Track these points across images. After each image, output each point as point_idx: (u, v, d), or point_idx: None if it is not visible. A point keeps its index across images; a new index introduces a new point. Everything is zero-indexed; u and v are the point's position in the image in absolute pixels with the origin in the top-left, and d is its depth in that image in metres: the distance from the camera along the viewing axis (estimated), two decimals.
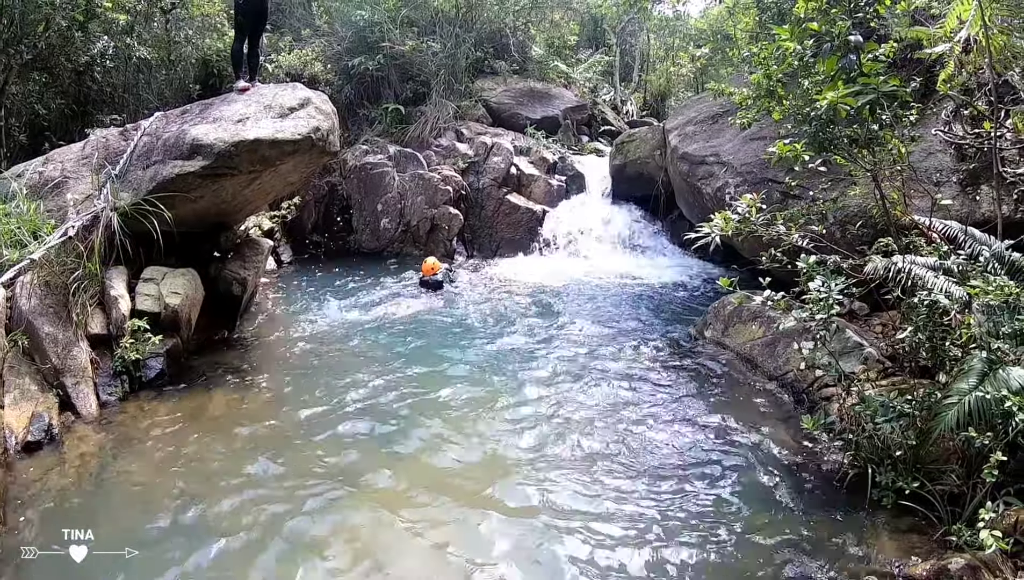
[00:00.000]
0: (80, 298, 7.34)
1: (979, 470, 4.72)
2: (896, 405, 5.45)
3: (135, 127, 8.87)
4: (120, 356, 7.37)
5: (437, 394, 7.57)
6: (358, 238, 15.01)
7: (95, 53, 11.87)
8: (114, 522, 5.24)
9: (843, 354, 7.04)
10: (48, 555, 4.88)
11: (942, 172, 8.77)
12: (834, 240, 7.86)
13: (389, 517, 5.34)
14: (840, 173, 8.31)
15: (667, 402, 7.50)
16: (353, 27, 16.81)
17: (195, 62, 14.10)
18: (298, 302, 11.22)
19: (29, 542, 4.99)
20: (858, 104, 5.96)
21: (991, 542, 4.17)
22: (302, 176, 10.52)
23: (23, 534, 5.11)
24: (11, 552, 4.89)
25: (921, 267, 5.74)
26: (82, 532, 5.01)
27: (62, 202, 8.13)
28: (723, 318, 9.10)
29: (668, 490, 5.81)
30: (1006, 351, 5.02)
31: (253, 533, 5.14)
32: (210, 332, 9.08)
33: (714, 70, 19.85)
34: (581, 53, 23.10)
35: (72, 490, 5.68)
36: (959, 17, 7.18)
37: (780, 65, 7.03)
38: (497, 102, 17.93)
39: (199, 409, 7.18)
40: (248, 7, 9.19)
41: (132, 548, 4.90)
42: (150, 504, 5.48)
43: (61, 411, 6.68)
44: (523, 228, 14.84)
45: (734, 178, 11.09)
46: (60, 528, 5.06)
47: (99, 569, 4.78)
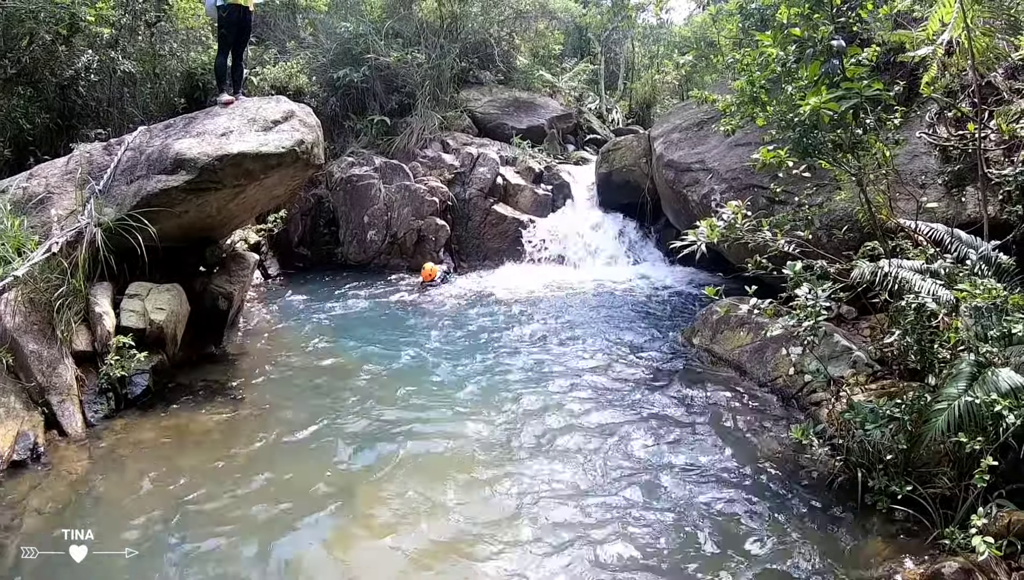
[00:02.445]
0: (65, 315, 7.26)
1: (971, 472, 4.71)
2: (885, 411, 5.44)
3: (119, 142, 8.80)
4: (105, 373, 7.30)
5: (424, 410, 7.51)
6: (345, 250, 14.98)
7: (79, 67, 11.80)
8: (101, 540, 5.17)
9: (832, 358, 7.05)
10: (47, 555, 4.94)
11: (927, 174, 8.80)
12: (821, 245, 7.87)
13: (373, 537, 5.30)
14: (825, 178, 8.33)
15: (655, 409, 7.47)
16: (338, 39, 16.84)
17: (180, 75, 14.04)
18: (285, 316, 11.16)
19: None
20: (841, 109, 5.97)
21: (983, 548, 4.17)
22: (287, 189, 10.47)
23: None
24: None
25: (908, 270, 5.73)
26: (82, 532, 5.11)
27: (46, 218, 8.06)
28: (711, 325, 9.10)
29: (655, 497, 5.79)
30: (995, 353, 5.02)
31: (236, 556, 5.09)
32: (196, 347, 9.01)
33: (699, 77, 19.95)
34: (566, 62, 23.17)
35: (59, 509, 5.60)
36: (941, 20, 7.20)
37: (763, 71, 7.04)
38: (483, 112, 17.95)
39: (185, 426, 7.11)
40: (232, 20, 9.14)
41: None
42: (134, 522, 5.41)
43: (47, 429, 6.60)
44: (510, 238, 14.84)
45: (720, 185, 11.12)
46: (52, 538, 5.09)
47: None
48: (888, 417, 5.40)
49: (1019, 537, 4.50)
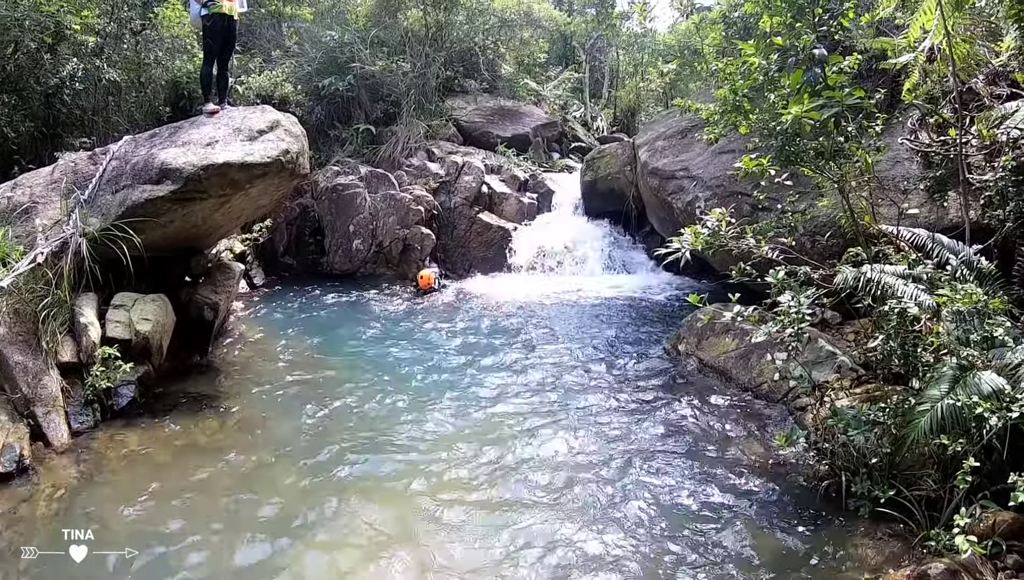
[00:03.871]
0: (50, 326, 7.20)
1: (955, 474, 4.76)
2: (869, 415, 5.49)
3: (104, 151, 8.75)
4: (91, 384, 7.24)
5: (410, 421, 7.49)
6: (330, 260, 14.94)
7: (64, 75, 11.73)
8: (89, 550, 5.16)
9: (817, 363, 7.10)
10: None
11: (909, 180, 8.89)
12: (804, 251, 7.94)
13: (358, 549, 5.30)
14: (808, 185, 8.40)
15: (641, 416, 7.49)
16: (323, 48, 16.85)
17: (165, 84, 13.99)
18: (271, 326, 11.11)
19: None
20: (823, 117, 6.03)
21: (966, 547, 4.21)
22: (273, 199, 10.45)
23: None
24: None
25: (890, 276, 5.79)
26: (82, 532, 5.19)
27: (31, 228, 8.00)
28: (696, 331, 9.14)
29: (639, 503, 5.81)
30: (977, 357, 5.07)
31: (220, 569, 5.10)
32: (182, 358, 8.97)
33: (683, 84, 20.05)
34: (551, 70, 23.26)
35: (44, 521, 5.57)
36: (923, 27, 7.31)
37: (746, 80, 7.10)
38: (468, 121, 17.99)
39: (171, 438, 7.07)
40: (216, 29, 9.15)
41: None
42: (120, 534, 5.38)
43: (32, 441, 6.54)
44: (495, 246, 14.85)
45: (704, 192, 11.19)
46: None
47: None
48: (871, 422, 5.45)
49: (1004, 537, 4.54)
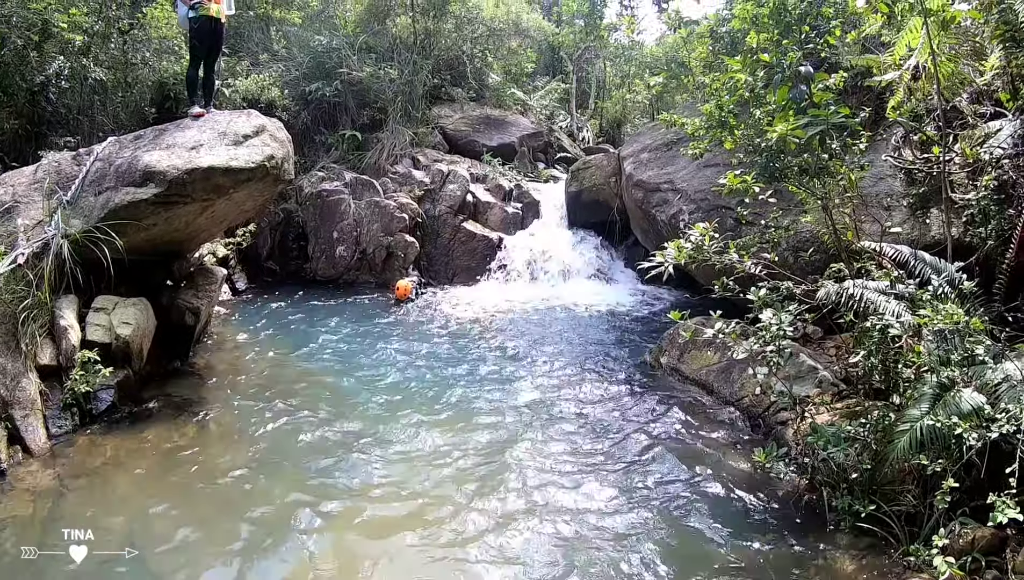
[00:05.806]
0: (29, 328, 7.15)
1: (935, 490, 4.80)
2: (848, 432, 5.52)
3: (88, 152, 8.69)
4: (70, 388, 7.18)
5: (389, 427, 7.48)
6: (314, 266, 14.86)
7: (51, 73, 11.66)
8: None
9: (798, 378, 7.13)
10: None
11: (892, 197, 8.96)
12: (787, 266, 7.97)
13: (338, 555, 5.31)
14: (792, 200, 8.45)
15: (622, 430, 7.51)
16: (311, 52, 16.81)
17: (152, 85, 13.90)
18: (252, 331, 11.05)
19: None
20: (807, 135, 6.07)
21: (945, 568, 4.25)
22: (257, 204, 10.41)
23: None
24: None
25: (872, 292, 5.83)
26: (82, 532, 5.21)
27: (12, 228, 7.92)
28: (678, 345, 9.16)
29: (624, 517, 5.81)
30: (957, 376, 5.11)
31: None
32: (162, 362, 8.91)
33: (669, 97, 20.12)
34: (538, 80, 23.31)
35: (20, 526, 5.51)
36: (908, 45, 7.37)
37: (732, 96, 7.14)
38: (454, 129, 17.99)
39: (150, 443, 7.02)
40: (203, 31, 9.09)
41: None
42: (98, 544, 5.31)
43: (9, 445, 6.49)
44: (479, 255, 14.85)
45: (688, 205, 11.23)
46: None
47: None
48: (851, 438, 5.48)
49: (984, 553, 4.59)
